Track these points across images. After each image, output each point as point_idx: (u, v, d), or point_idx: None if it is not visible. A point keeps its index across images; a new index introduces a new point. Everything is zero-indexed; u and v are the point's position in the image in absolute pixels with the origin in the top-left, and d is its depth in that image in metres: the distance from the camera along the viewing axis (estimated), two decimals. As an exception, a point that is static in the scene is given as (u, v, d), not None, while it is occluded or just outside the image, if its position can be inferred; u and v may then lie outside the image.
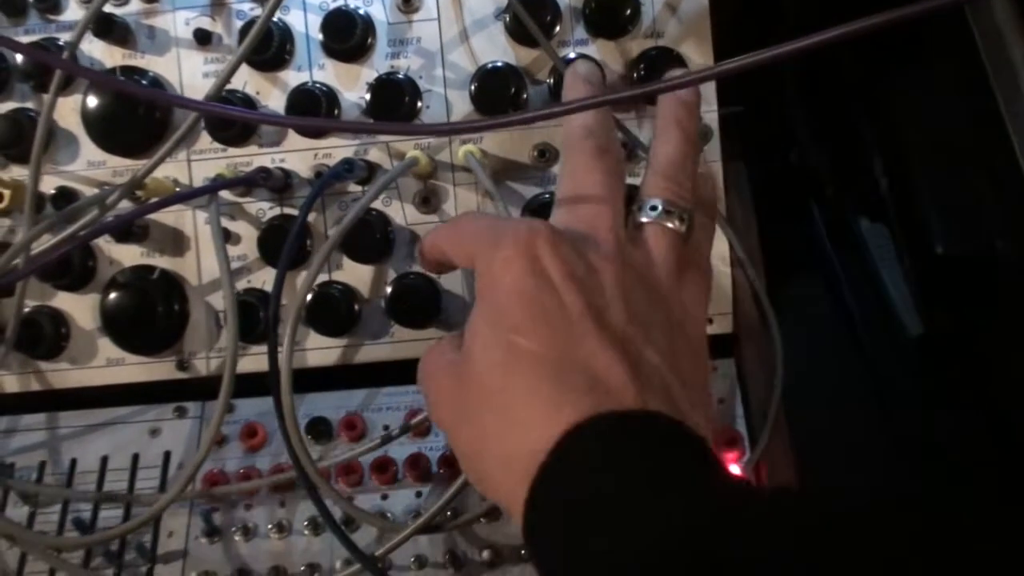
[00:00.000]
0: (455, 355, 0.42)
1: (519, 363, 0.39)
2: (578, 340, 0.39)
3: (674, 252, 0.44)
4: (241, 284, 0.59)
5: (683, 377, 0.40)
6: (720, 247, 0.57)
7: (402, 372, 0.57)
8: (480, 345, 0.40)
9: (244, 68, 0.58)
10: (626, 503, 0.34)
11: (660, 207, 0.44)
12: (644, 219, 0.44)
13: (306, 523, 0.54)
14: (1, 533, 0.52)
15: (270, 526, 0.54)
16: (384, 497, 0.55)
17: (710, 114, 0.57)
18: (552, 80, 0.57)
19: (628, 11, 0.56)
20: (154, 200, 0.54)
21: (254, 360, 0.58)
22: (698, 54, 0.57)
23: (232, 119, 0.56)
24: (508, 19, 0.57)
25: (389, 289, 0.57)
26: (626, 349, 0.39)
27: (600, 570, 0.33)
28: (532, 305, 0.39)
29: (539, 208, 0.56)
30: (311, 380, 0.58)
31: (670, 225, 0.44)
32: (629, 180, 0.55)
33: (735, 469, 0.53)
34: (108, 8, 0.58)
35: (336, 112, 0.58)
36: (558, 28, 0.57)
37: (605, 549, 0.33)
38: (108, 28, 0.57)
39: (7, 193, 0.56)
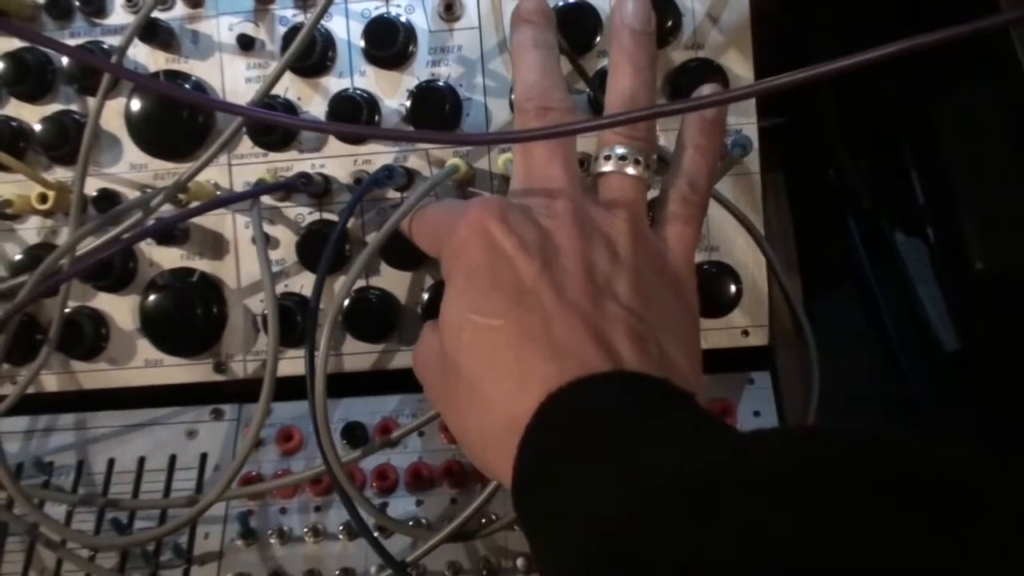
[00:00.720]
0: (429, 340, 0.44)
1: (481, 342, 0.39)
2: (534, 308, 0.39)
3: (639, 196, 0.43)
4: (279, 288, 0.59)
5: (657, 326, 0.40)
6: (758, 259, 0.57)
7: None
8: (448, 330, 0.41)
9: (286, 74, 0.58)
10: (594, 466, 0.33)
11: (615, 154, 0.44)
12: (602, 169, 0.44)
13: (341, 527, 0.54)
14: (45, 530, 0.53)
15: (305, 530, 0.54)
16: (419, 503, 0.55)
17: (750, 126, 0.57)
18: (590, 91, 0.57)
19: (670, 22, 0.57)
20: (196, 204, 0.55)
21: (291, 364, 0.58)
22: (739, 66, 0.57)
23: (275, 124, 0.56)
24: (549, 29, 0.57)
25: (426, 296, 0.58)
26: (587, 310, 0.39)
27: (580, 537, 0.32)
28: (486, 280, 0.40)
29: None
30: (348, 385, 0.58)
31: (630, 171, 0.43)
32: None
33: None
34: (153, 13, 0.59)
35: (377, 119, 0.58)
36: (599, 38, 0.57)
37: (584, 513, 0.32)
38: (153, 32, 0.58)
39: (51, 195, 0.57)
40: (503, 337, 0.39)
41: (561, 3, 0.57)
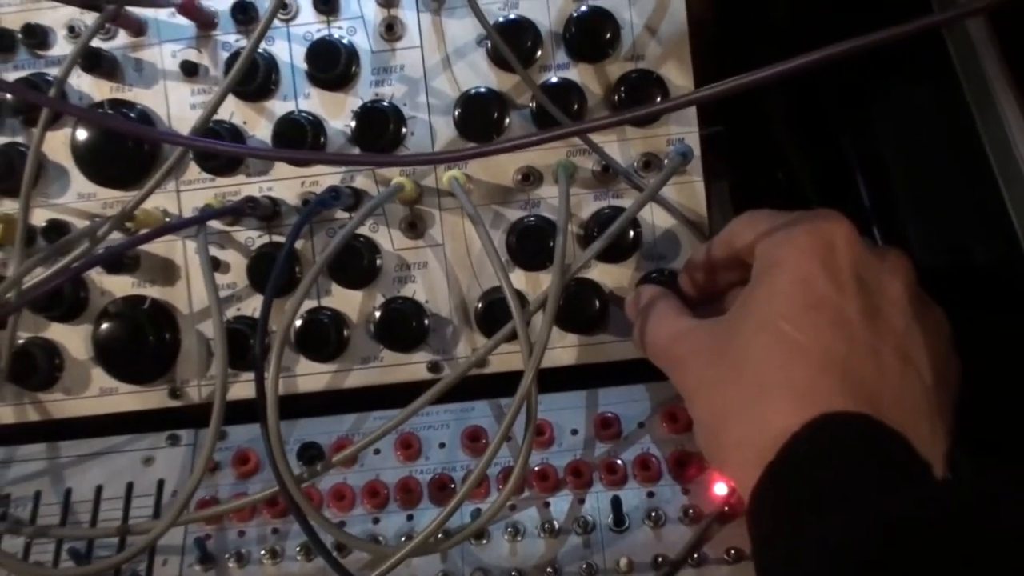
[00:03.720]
0: (700, 323, 0.47)
1: (781, 351, 0.41)
2: (843, 340, 0.41)
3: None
4: (231, 312, 0.59)
5: (932, 408, 0.42)
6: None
7: (391, 396, 0.58)
8: (751, 324, 0.43)
9: (231, 99, 0.58)
10: (845, 498, 0.36)
11: None
12: None
13: (298, 549, 0.54)
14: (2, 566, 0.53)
15: (263, 552, 0.54)
16: (376, 521, 0.55)
17: (692, 136, 0.58)
18: (534, 104, 0.58)
19: (608, 35, 0.57)
20: (144, 231, 0.55)
21: (245, 387, 0.58)
22: (678, 76, 0.58)
23: (217, 153, 0.57)
24: (490, 45, 0.58)
25: (377, 314, 0.58)
26: (885, 362, 0.41)
27: (814, 559, 0.35)
28: (811, 295, 0.41)
29: (524, 231, 0.57)
30: (303, 405, 0.58)
31: None
32: (614, 202, 0.56)
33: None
34: (95, 42, 0.59)
35: (322, 140, 0.58)
36: (539, 53, 0.58)
37: (821, 539, 0.35)
38: (96, 62, 0.58)
39: (-1, 227, 0.57)
40: (803, 356, 0.40)
41: (502, 19, 0.57)
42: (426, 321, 0.58)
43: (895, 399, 0.41)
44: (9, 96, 0.59)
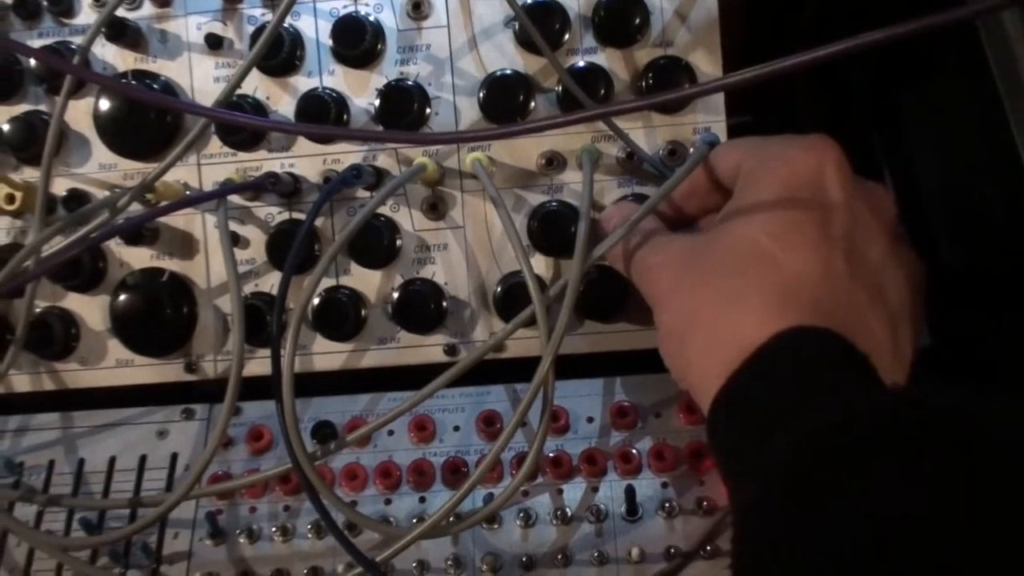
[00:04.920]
0: (677, 235, 0.48)
1: (758, 263, 0.41)
2: (820, 260, 0.41)
3: None
4: (249, 288, 0.59)
5: (894, 344, 0.43)
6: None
7: (405, 377, 0.58)
8: (731, 234, 0.43)
9: (255, 73, 0.58)
10: (813, 406, 0.36)
11: None
12: None
13: (309, 527, 0.54)
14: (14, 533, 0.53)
15: (274, 529, 0.54)
16: (388, 502, 0.55)
17: (719, 125, 0.57)
18: (560, 88, 0.57)
19: (637, 20, 0.56)
20: (164, 204, 0.55)
21: (261, 363, 0.58)
22: (707, 63, 0.57)
23: (240, 126, 0.56)
24: (517, 27, 0.57)
25: (396, 295, 0.58)
26: (862, 285, 0.42)
27: (771, 466, 0.36)
28: (795, 213, 0.42)
29: (546, 216, 0.57)
30: (318, 384, 0.58)
31: None
32: (637, 189, 0.56)
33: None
34: (121, 12, 0.59)
35: (345, 118, 0.58)
36: (567, 36, 0.57)
37: (785, 446, 0.36)
38: (121, 32, 0.58)
39: (19, 195, 0.57)
40: (779, 270, 0.41)
41: (531, 1, 0.56)
42: (444, 303, 0.58)
43: (862, 327, 0.41)
44: (33, 63, 0.59)
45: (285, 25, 0.58)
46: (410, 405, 0.50)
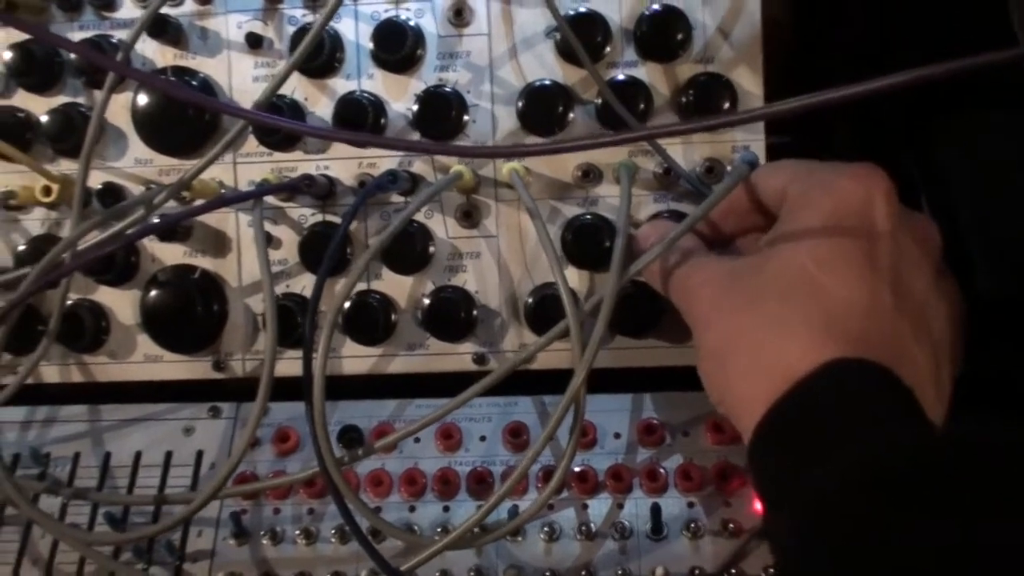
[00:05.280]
0: (721, 257, 0.47)
1: (809, 290, 0.41)
2: (867, 289, 0.41)
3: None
4: (280, 288, 0.59)
5: (937, 377, 0.43)
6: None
7: (430, 384, 0.58)
8: (777, 259, 0.43)
9: (294, 74, 0.58)
10: (842, 441, 0.36)
11: None
12: None
13: (333, 531, 0.54)
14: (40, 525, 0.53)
15: (297, 532, 0.54)
16: (411, 509, 0.55)
17: (757, 143, 0.57)
18: (600, 100, 0.57)
19: (680, 35, 0.56)
20: (200, 203, 0.55)
21: (290, 364, 0.58)
22: (749, 81, 0.57)
23: (278, 129, 0.56)
24: (558, 37, 0.57)
25: (427, 301, 0.58)
26: (909, 318, 0.42)
27: (814, 497, 0.35)
28: (844, 241, 0.41)
29: (580, 229, 0.56)
30: (345, 387, 0.58)
31: None
32: (673, 205, 0.56)
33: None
34: (162, 8, 0.59)
35: (383, 122, 0.58)
36: (608, 49, 0.57)
37: (821, 478, 0.35)
38: (162, 28, 0.58)
39: (55, 187, 0.57)
40: (826, 298, 0.41)
41: (573, 12, 0.56)
42: (475, 312, 0.58)
43: (907, 359, 0.41)
44: (73, 56, 0.59)
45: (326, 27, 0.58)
46: (442, 413, 0.50)
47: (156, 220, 0.55)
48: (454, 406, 0.50)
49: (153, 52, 0.60)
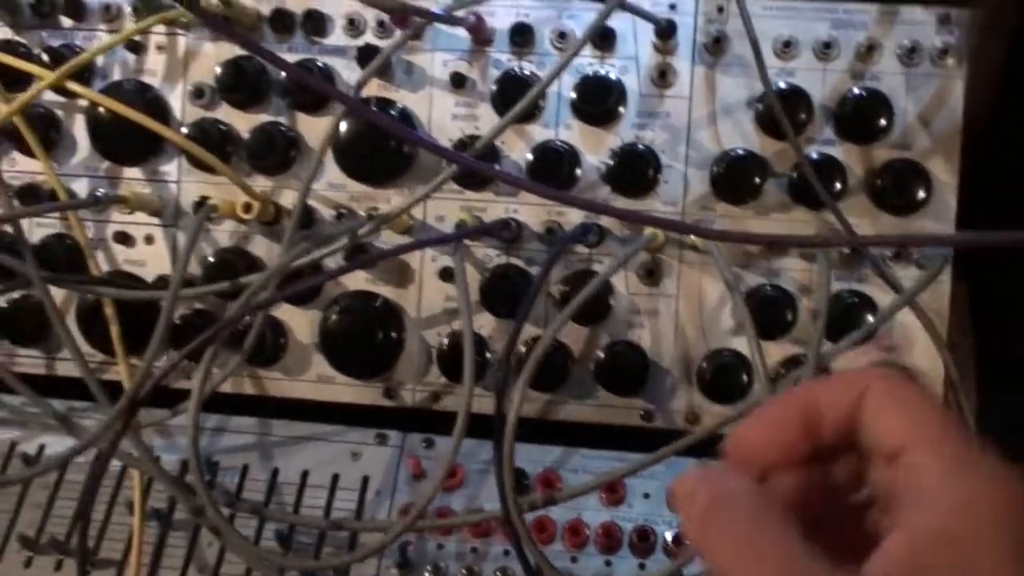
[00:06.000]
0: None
1: None
2: None
3: None
4: (456, 325, 0.60)
5: None
6: (936, 366, 0.57)
7: (599, 436, 0.58)
8: None
9: (492, 116, 0.59)
10: None
11: None
12: None
13: (496, 571, 0.55)
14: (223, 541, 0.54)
15: (463, 570, 0.55)
16: (573, 560, 0.56)
17: (947, 229, 0.57)
18: (795, 175, 0.57)
19: (882, 120, 0.57)
20: (406, 243, 0.56)
21: (455, 400, 0.59)
22: (944, 171, 0.57)
23: (484, 175, 0.57)
24: (760, 108, 0.58)
25: (601, 354, 0.58)
26: None
27: None
28: None
29: (762, 299, 0.57)
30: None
31: None
32: (855, 286, 0.56)
33: None
34: (371, 38, 0.60)
35: (577, 173, 0.59)
36: (808, 125, 0.58)
37: None
38: (372, 59, 0.59)
39: (256, 206, 0.58)
40: None
41: (778, 87, 0.57)
42: (647, 369, 0.58)
43: None
44: (282, 75, 0.60)
45: (528, 73, 0.59)
46: (633, 469, 0.51)
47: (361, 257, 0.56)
48: (651, 461, 0.51)
49: (356, 79, 0.60)
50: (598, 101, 0.58)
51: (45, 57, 0.60)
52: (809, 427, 0.30)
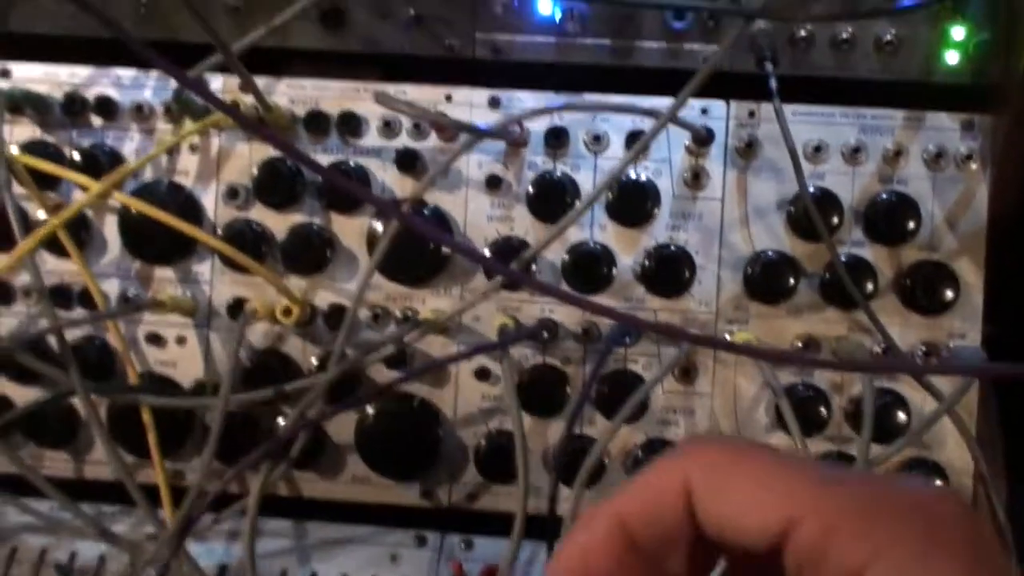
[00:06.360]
0: None
1: None
2: None
3: None
4: (493, 424, 0.60)
5: None
6: (966, 461, 0.59)
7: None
8: None
9: (526, 215, 0.60)
10: None
11: None
12: None
13: None
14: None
15: (510, 677, 0.55)
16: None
17: (973, 332, 0.59)
18: (826, 275, 0.59)
19: (910, 222, 0.58)
20: (455, 352, 0.57)
21: (496, 499, 0.59)
22: (970, 272, 0.59)
23: (521, 282, 0.58)
24: (792, 210, 0.59)
25: (638, 453, 0.59)
26: None
27: None
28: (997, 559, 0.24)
29: (797, 400, 0.58)
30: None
31: None
32: (886, 383, 0.57)
33: None
34: (407, 140, 0.60)
35: (612, 273, 0.59)
36: (839, 227, 0.59)
37: None
38: (411, 163, 0.59)
39: (296, 309, 0.58)
40: None
41: (811, 190, 0.58)
42: (682, 470, 0.59)
43: None
44: (318, 177, 0.60)
45: (560, 174, 0.60)
46: None
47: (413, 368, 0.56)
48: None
49: (392, 180, 0.61)
50: (634, 203, 0.59)
51: (76, 156, 0.60)
52: (628, 547, 0.26)
